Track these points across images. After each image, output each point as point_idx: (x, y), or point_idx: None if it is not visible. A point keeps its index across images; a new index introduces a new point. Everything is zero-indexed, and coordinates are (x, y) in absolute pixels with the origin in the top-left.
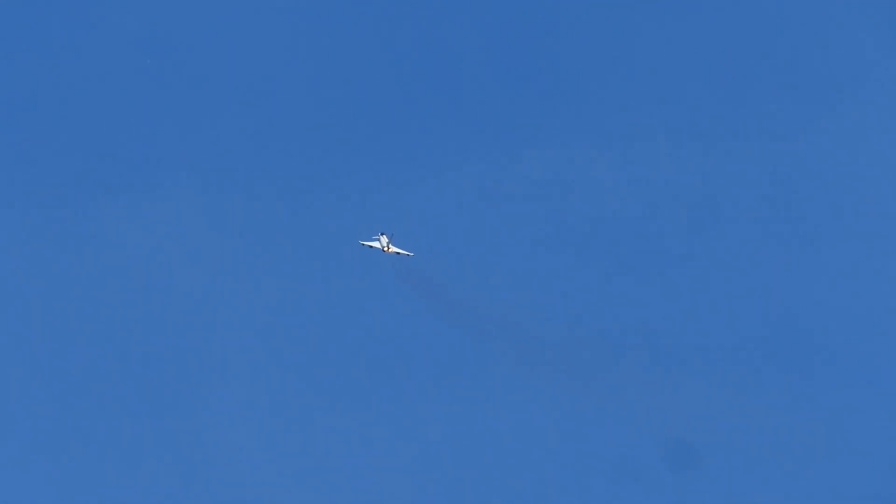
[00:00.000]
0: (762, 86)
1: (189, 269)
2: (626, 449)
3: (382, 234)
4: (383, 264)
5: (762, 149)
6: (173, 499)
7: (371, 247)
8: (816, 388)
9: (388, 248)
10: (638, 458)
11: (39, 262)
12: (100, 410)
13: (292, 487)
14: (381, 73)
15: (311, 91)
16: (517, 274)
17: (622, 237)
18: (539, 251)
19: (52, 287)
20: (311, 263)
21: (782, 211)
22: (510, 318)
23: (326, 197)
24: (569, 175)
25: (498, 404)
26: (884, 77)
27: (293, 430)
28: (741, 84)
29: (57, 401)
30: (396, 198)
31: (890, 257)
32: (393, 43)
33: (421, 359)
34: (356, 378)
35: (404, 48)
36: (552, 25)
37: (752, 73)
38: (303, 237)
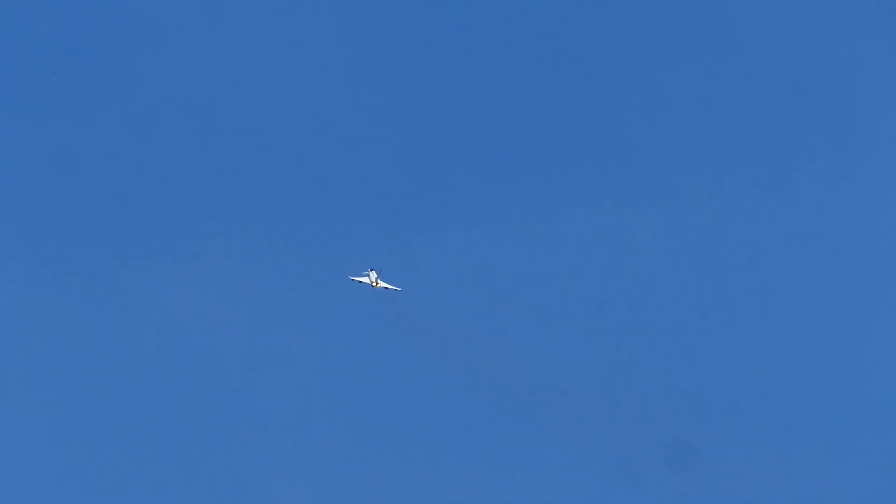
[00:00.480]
0: (809, 142)
1: (231, 327)
2: None
3: (371, 270)
4: (410, 317)
5: (809, 205)
6: None
7: (360, 282)
8: (864, 451)
9: (377, 284)
10: None
11: (85, 324)
12: (145, 468)
13: None
14: (422, 127)
15: (353, 145)
16: (557, 333)
17: (664, 296)
18: (578, 310)
19: (96, 349)
20: (352, 322)
21: (829, 268)
22: (548, 378)
23: (365, 252)
24: (610, 233)
25: (537, 468)
26: None
27: (330, 487)
28: (787, 140)
29: (101, 456)
30: (436, 255)
31: None
32: (435, 97)
33: (467, 421)
34: (393, 436)
35: (447, 103)
36: (593, 80)
37: (798, 128)
38: (344, 294)
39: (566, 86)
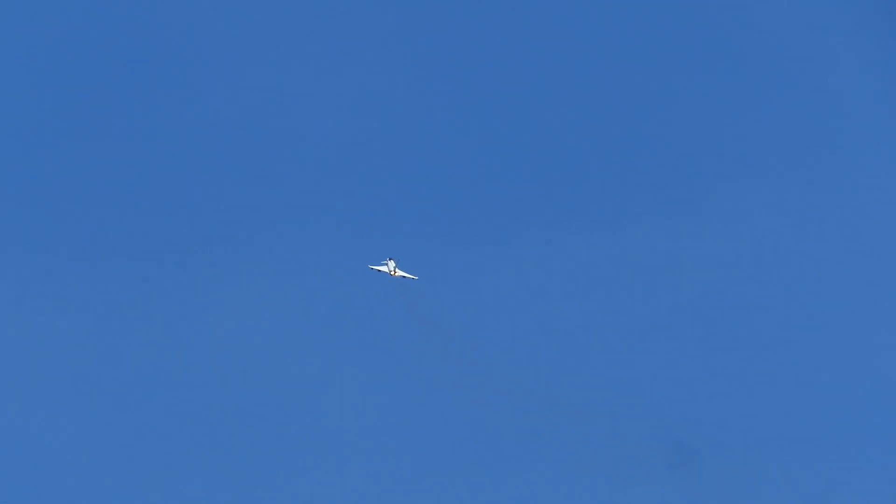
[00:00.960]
0: (871, 153)
1: (282, 350)
2: None
3: (390, 259)
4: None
5: (870, 219)
6: None
7: (379, 271)
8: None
9: (395, 273)
10: None
11: (141, 345)
12: (202, 492)
13: None
14: (485, 146)
15: (410, 165)
16: (619, 352)
17: (726, 313)
18: (641, 327)
19: (152, 371)
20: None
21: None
22: (609, 397)
23: (420, 273)
24: (672, 250)
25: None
26: None
27: None
28: (852, 152)
29: (160, 482)
30: (498, 272)
31: None
32: (496, 120)
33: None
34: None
35: (509, 124)
36: (654, 100)
37: (858, 141)
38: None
39: (632, 107)
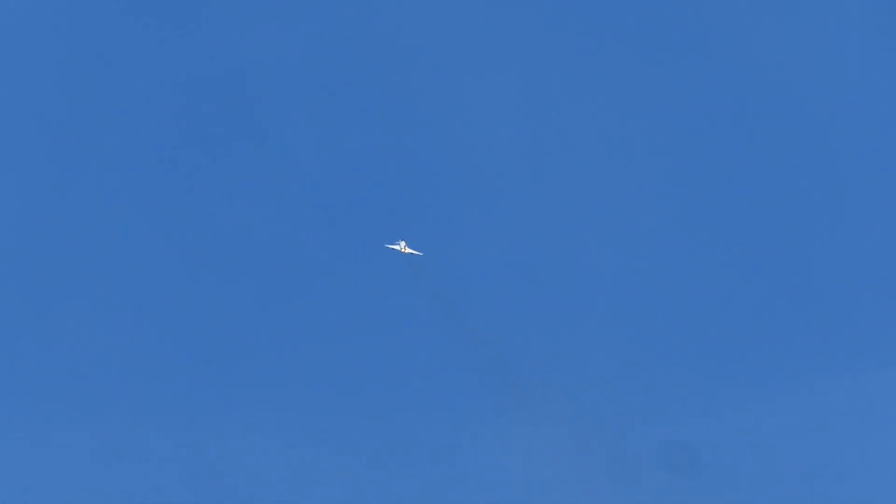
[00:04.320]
0: None
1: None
2: None
3: (402, 241)
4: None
5: None
6: None
7: (392, 249)
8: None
9: (405, 250)
10: None
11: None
12: None
13: None
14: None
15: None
16: None
17: None
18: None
19: None
20: None
21: None
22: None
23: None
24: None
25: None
26: None
27: None
28: None
29: None
30: (708, 424)
31: None
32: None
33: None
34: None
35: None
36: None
37: None
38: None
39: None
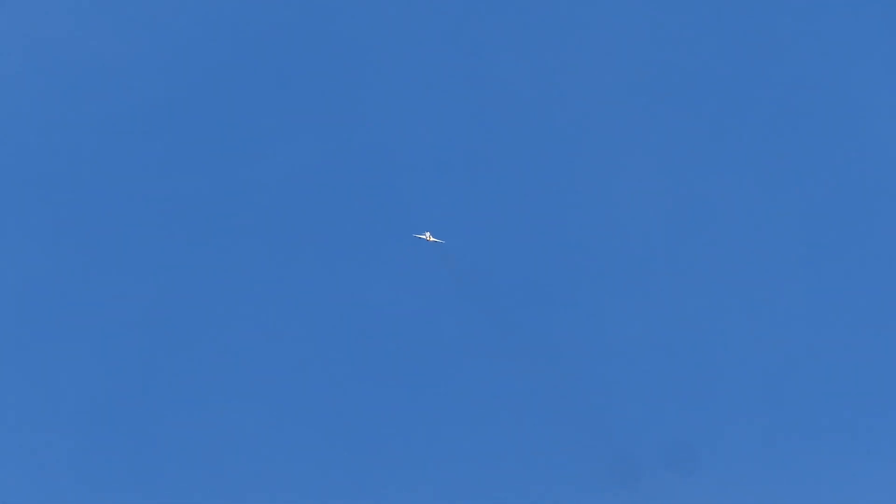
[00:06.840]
0: None
1: None
2: None
3: (427, 232)
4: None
5: None
6: None
7: (419, 238)
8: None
9: (430, 239)
10: None
11: None
12: None
13: None
14: None
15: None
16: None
17: None
18: None
19: None
20: None
21: None
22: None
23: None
24: None
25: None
26: None
27: None
28: None
29: None
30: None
31: None
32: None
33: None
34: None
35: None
36: None
37: None
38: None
39: None
